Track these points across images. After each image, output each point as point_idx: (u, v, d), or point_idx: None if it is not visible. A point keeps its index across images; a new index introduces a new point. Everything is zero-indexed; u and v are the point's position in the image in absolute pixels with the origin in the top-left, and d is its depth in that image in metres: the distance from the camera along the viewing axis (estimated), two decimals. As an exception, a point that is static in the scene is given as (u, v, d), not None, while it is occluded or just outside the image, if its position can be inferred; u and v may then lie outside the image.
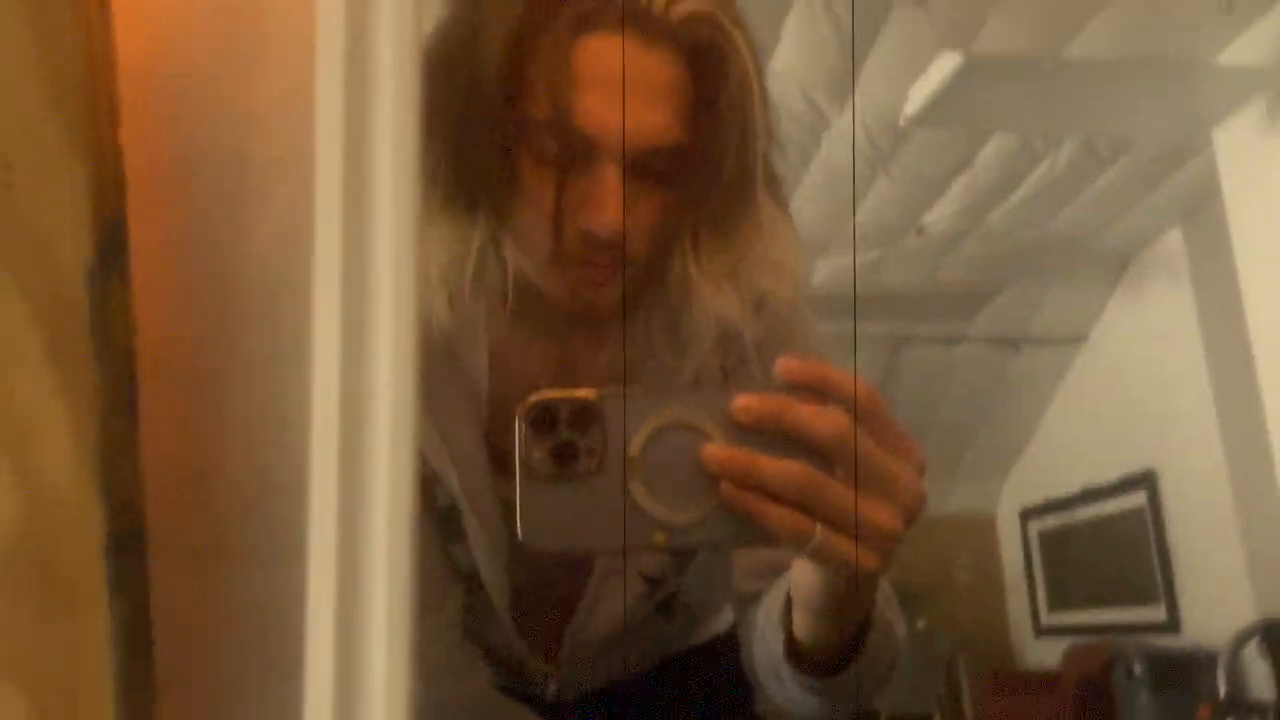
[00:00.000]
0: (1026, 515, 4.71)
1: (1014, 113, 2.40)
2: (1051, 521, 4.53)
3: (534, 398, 0.44)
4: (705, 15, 0.65)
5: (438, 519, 0.79)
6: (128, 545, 0.30)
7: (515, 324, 0.75)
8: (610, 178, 0.64)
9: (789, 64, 2.39)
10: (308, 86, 0.28)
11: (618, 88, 0.63)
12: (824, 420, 0.46)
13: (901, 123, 2.42)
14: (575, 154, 0.64)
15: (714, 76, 0.65)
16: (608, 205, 0.64)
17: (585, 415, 0.44)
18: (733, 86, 0.65)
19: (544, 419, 0.44)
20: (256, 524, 0.30)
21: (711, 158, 0.66)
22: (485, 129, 0.65)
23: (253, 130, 0.29)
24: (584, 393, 0.44)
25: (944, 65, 2.17)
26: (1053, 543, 4.56)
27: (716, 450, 0.45)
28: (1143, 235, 3.56)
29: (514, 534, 0.44)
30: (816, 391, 0.46)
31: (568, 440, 0.44)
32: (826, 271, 3.36)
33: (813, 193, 2.95)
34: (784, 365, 0.47)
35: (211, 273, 0.31)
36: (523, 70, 0.64)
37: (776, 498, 0.45)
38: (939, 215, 3.21)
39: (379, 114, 0.26)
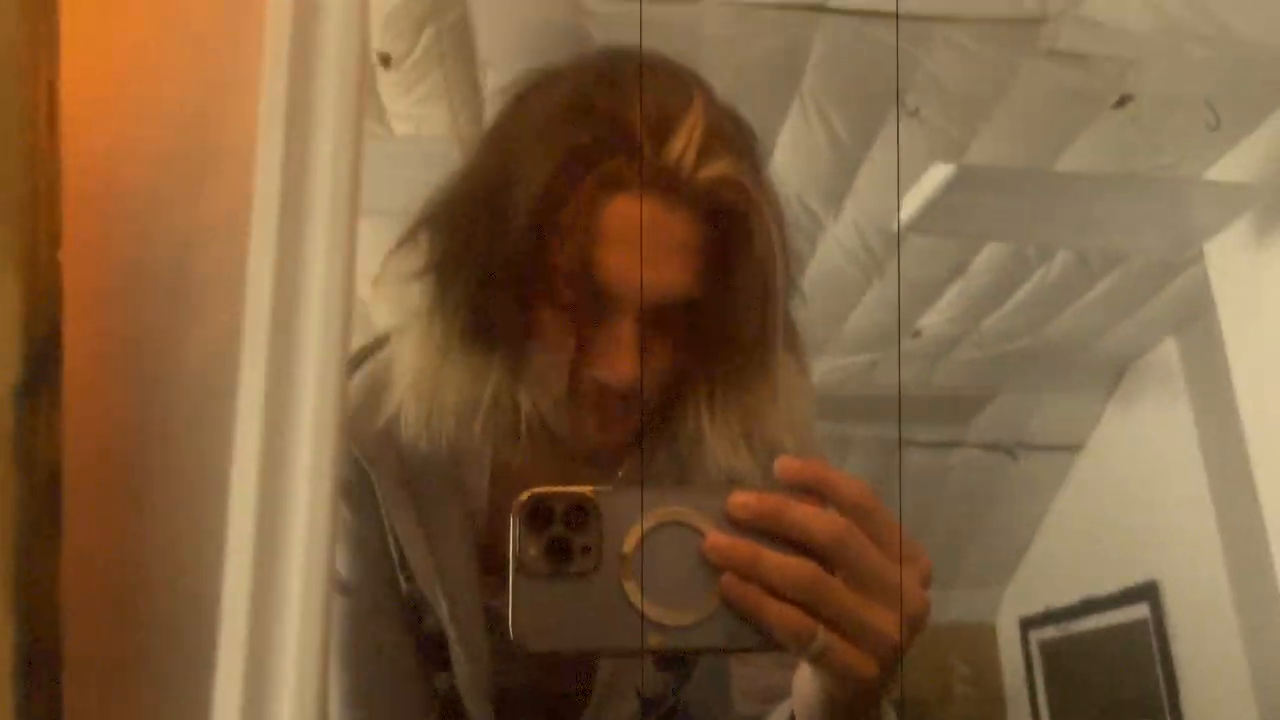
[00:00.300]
0: (1027, 625, 4.62)
1: (1006, 223, 2.44)
2: (1052, 632, 4.44)
3: (529, 493, 0.44)
4: (730, 180, 0.67)
5: (423, 644, 0.78)
6: (40, 665, 0.29)
7: (523, 453, 0.76)
8: (627, 331, 0.66)
9: (784, 170, 2.44)
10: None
11: (635, 256, 0.65)
12: (822, 521, 0.45)
13: (895, 229, 2.46)
14: (594, 305, 0.66)
15: (735, 239, 0.67)
16: (623, 357, 0.66)
17: (581, 511, 0.43)
18: (754, 249, 0.67)
19: (539, 514, 0.43)
20: (174, 641, 0.29)
21: (729, 316, 0.68)
22: (509, 274, 0.67)
23: (195, 245, 0.30)
24: (580, 489, 0.44)
25: (936, 175, 2.21)
26: (1054, 653, 4.46)
27: (720, 539, 0.44)
28: (1138, 344, 3.58)
29: (500, 649, 0.43)
30: (815, 492, 0.46)
31: (562, 536, 0.43)
32: (821, 373, 3.37)
33: (809, 296, 2.97)
34: (782, 464, 0.47)
35: (145, 385, 0.31)
36: (550, 222, 0.66)
37: (778, 595, 0.44)
38: (933, 320, 3.23)
39: (314, 230, 0.26)
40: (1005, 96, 2.25)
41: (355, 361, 0.83)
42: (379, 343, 0.83)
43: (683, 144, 0.66)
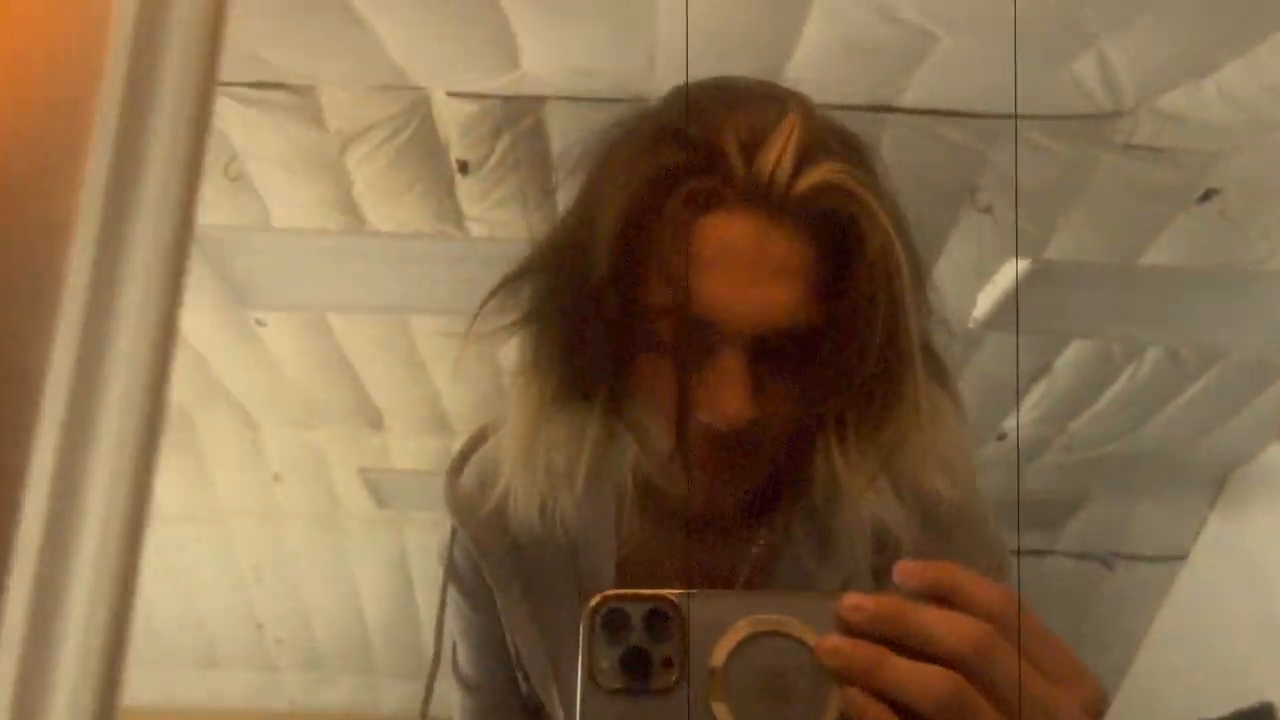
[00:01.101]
0: (1133, 751, 4.30)
1: (1088, 320, 2.37)
2: (1161, 759, 4.12)
3: (602, 595, 0.39)
4: (834, 185, 0.60)
5: None
6: None
7: (643, 529, 0.71)
8: (734, 365, 0.59)
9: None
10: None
11: (740, 268, 0.59)
12: (957, 625, 0.38)
13: (971, 325, 2.41)
14: (696, 340, 0.60)
15: (849, 250, 0.60)
16: (732, 395, 0.59)
17: (662, 619, 0.38)
18: (871, 258, 0.60)
19: (614, 621, 0.38)
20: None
21: (853, 338, 0.60)
22: (601, 317, 0.61)
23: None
24: (662, 592, 0.39)
25: (1011, 270, 2.16)
26: (1165, 784, 4.13)
27: (837, 641, 0.38)
28: (1241, 449, 3.40)
29: None
30: (945, 600, 0.39)
31: (640, 646, 0.38)
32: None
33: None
34: (902, 569, 0.41)
35: None
36: (639, 253, 0.61)
37: (910, 713, 0.37)
38: (1020, 421, 3.13)
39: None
40: (1083, 191, 2.20)
41: (463, 455, 0.79)
42: (484, 434, 0.78)
43: (777, 152, 0.60)
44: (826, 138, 0.63)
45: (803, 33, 1.70)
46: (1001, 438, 3.21)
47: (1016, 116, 2.02)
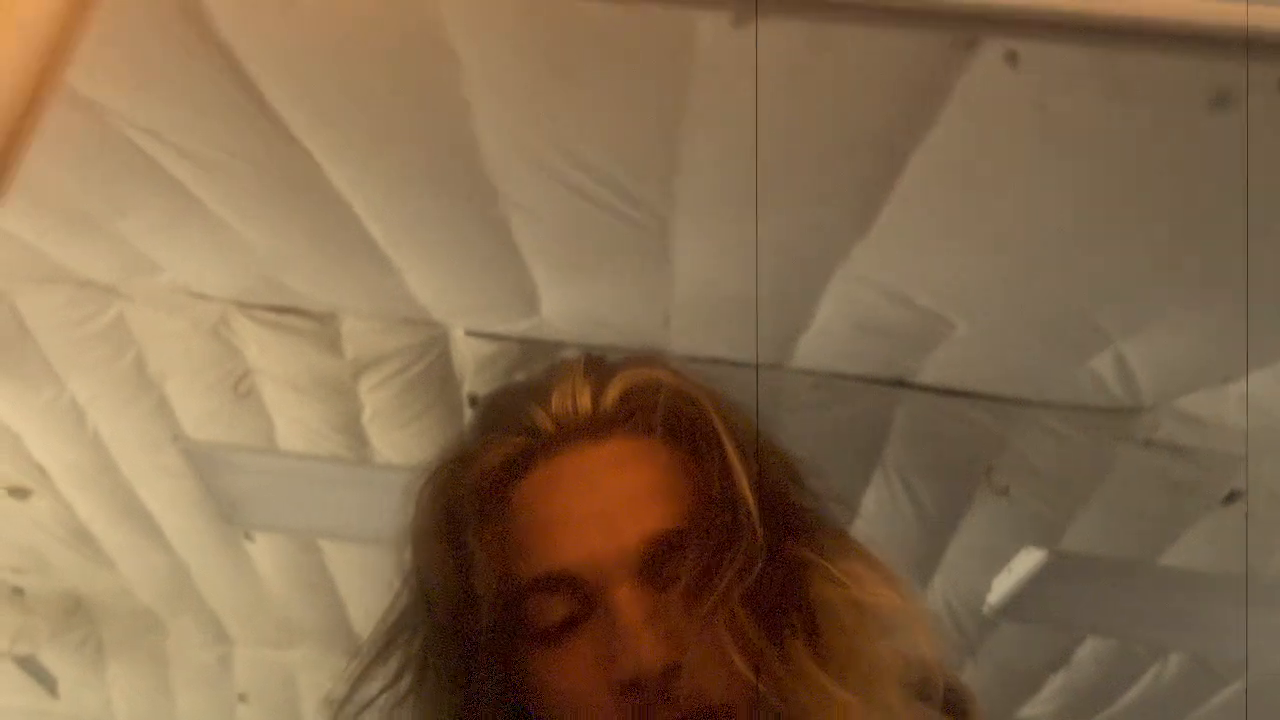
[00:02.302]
0: None
1: (1105, 616, 2.25)
2: None
3: None
4: (631, 388, 0.59)
5: None
6: None
7: None
8: (627, 603, 0.54)
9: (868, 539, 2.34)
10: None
11: (583, 506, 0.56)
12: None
13: (985, 611, 2.29)
14: (577, 607, 0.55)
15: (682, 441, 0.58)
16: (639, 635, 0.53)
17: None
18: (702, 434, 0.58)
19: None
20: None
21: (723, 522, 0.55)
22: (484, 630, 0.57)
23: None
24: None
25: (1027, 559, 2.07)
26: None
27: None
28: (1276, 764, 3.15)
29: None
30: None
31: None
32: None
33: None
34: None
35: None
36: (491, 543, 0.57)
37: None
38: (1036, 713, 2.93)
39: None
40: (1102, 483, 2.14)
41: None
42: None
43: (570, 388, 0.59)
44: (614, 367, 0.62)
45: (818, 309, 1.70)
46: (1017, 727, 3.01)
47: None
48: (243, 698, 3.16)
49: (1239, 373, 1.76)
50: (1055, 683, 2.79)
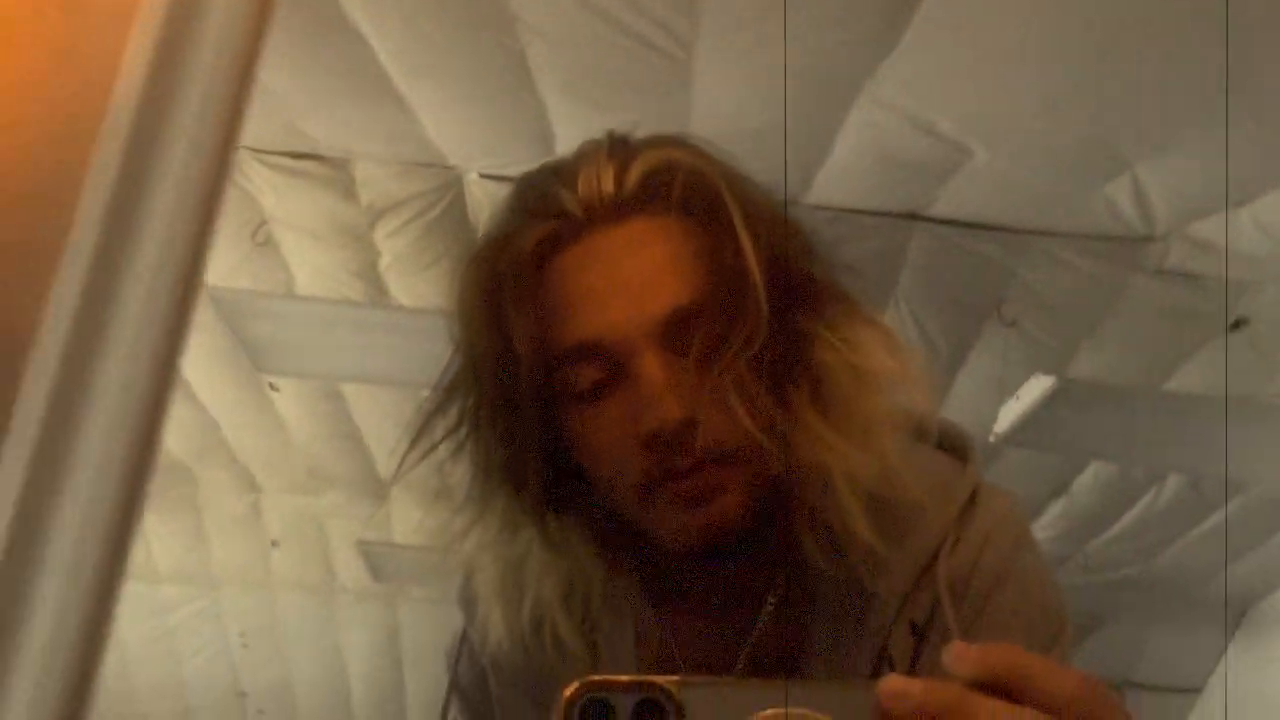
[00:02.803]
0: None
1: (1109, 442, 2.32)
2: None
3: (580, 683, 0.32)
4: (652, 170, 0.62)
5: None
6: None
7: (648, 613, 0.67)
8: (649, 369, 0.59)
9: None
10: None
11: (604, 283, 0.61)
12: None
13: (991, 439, 2.37)
14: (605, 372, 0.60)
15: (695, 214, 0.61)
16: (659, 397, 0.58)
17: (655, 712, 0.32)
18: (719, 209, 0.61)
19: (595, 716, 0.32)
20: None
21: (741, 294, 0.59)
22: (526, 393, 0.61)
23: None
24: (654, 679, 0.33)
25: (1035, 387, 2.13)
26: None
27: (901, 683, 0.33)
28: (1261, 583, 3.31)
29: None
30: (1011, 691, 0.35)
31: None
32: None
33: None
34: (957, 652, 0.36)
35: None
36: (526, 316, 0.61)
37: None
38: (1038, 538, 3.06)
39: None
40: (1111, 312, 2.19)
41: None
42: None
43: (594, 169, 0.62)
44: (636, 148, 0.64)
45: (837, 139, 1.70)
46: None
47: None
48: (275, 543, 3.29)
49: (1252, 194, 1.77)
50: (1055, 509, 2.90)
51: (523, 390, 0.61)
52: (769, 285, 0.60)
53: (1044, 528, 2.98)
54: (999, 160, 1.72)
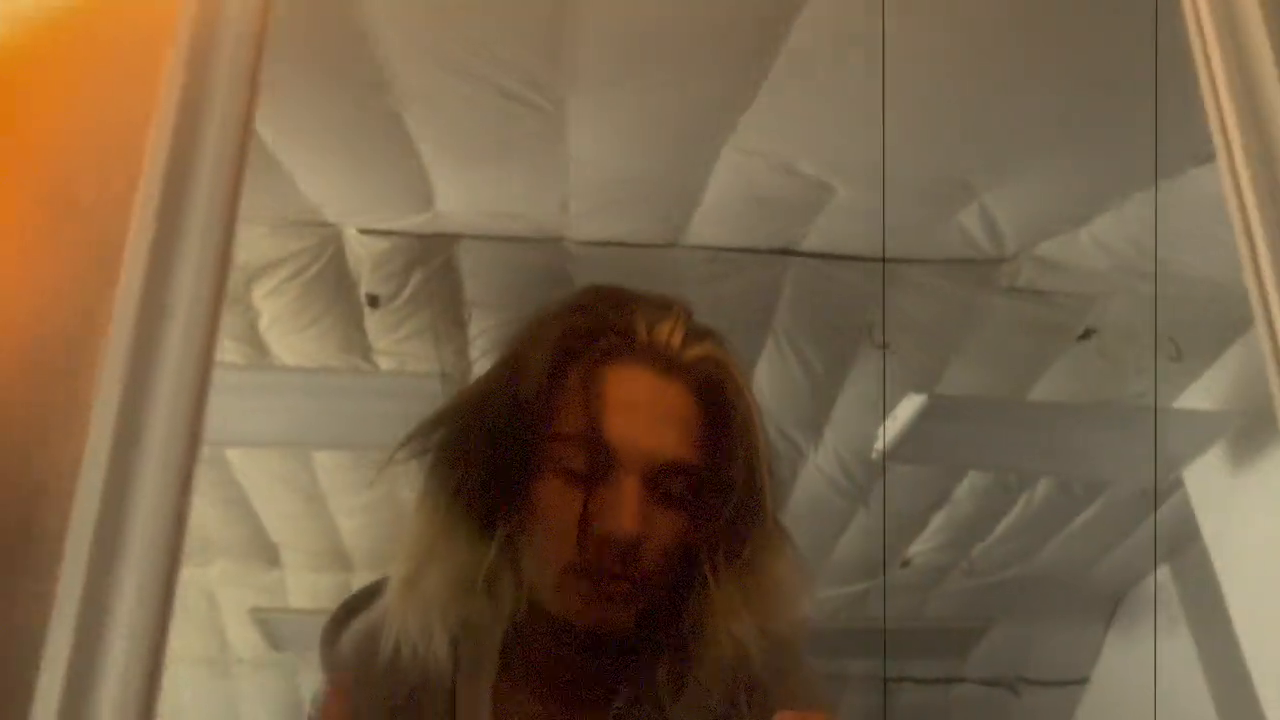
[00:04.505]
0: None
1: (982, 451, 2.46)
2: None
3: None
4: (713, 358, 0.75)
5: None
6: None
7: (518, 674, 0.76)
8: (631, 486, 0.70)
9: (762, 401, 2.48)
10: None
11: (640, 410, 0.72)
12: None
13: (874, 457, 2.47)
14: (600, 467, 0.71)
15: (722, 408, 0.74)
16: (627, 511, 0.69)
17: None
18: (739, 418, 0.74)
19: None
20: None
21: (723, 480, 0.72)
22: (515, 445, 0.72)
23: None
24: None
25: (909, 405, 2.24)
26: None
27: None
28: (1130, 573, 3.52)
29: None
30: None
31: None
32: (810, 606, 3.29)
33: (794, 525, 2.94)
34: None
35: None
36: (556, 392, 0.73)
37: None
38: (921, 549, 3.19)
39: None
40: (973, 331, 2.32)
41: (348, 610, 0.83)
42: (371, 592, 0.83)
43: (670, 327, 0.75)
44: (704, 331, 0.78)
45: (709, 184, 1.78)
46: (906, 564, 3.27)
47: (885, 260, 2.13)
48: (162, 617, 3.16)
49: (1089, 215, 1.92)
50: (938, 520, 3.03)
51: (525, 436, 0.72)
52: (741, 482, 0.74)
53: (929, 538, 3.11)
54: (859, 196, 1.82)
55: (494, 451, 0.73)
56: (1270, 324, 0.61)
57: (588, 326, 0.76)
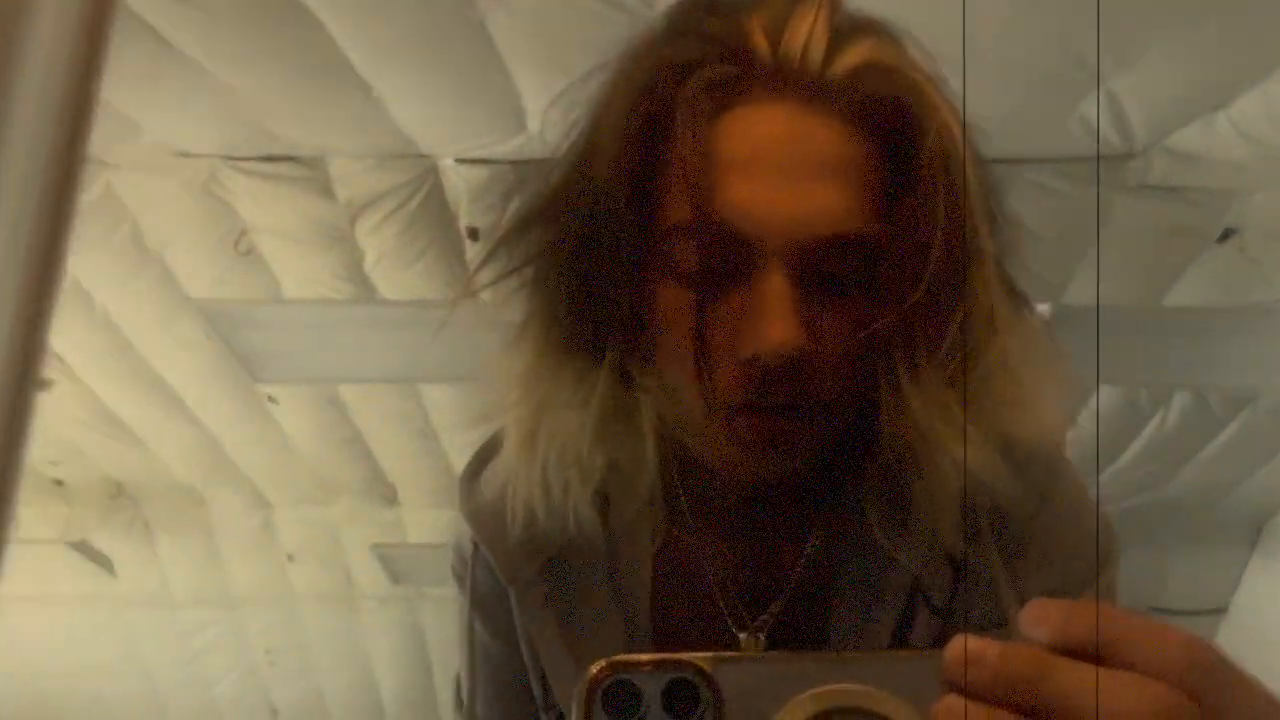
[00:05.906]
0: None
1: (1111, 365, 2.32)
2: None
3: (605, 664, 0.29)
4: (878, 65, 0.51)
5: None
6: None
7: (684, 521, 0.60)
8: (776, 285, 0.49)
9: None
10: None
11: (774, 168, 0.50)
12: (1138, 700, 0.28)
13: (994, 377, 2.36)
14: (730, 262, 0.50)
15: (903, 140, 0.51)
16: (777, 319, 0.49)
17: (687, 693, 0.28)
18: (928, 149, 0.50)
19: (620, 701, 0.29)
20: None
21: (913, 246, 0.50)
22: (611, 247, 0.51)
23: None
24: (686, 657, 0.29)
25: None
26: None
27: (976, 645, 0.28)
28: (1276, 496, 3.31)
29: None
30: (1106, 657, 0.29)
31: None
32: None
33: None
34: (1037, 612, 0.29)
35: None
36: (652, 164, 0.52)
37: None
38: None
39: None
40: (1100, 235, 2.18)
41: (481, 458, 0.67)
42: (495, 444, 0.66)
43: (807, 29, 0.51)
44: (861, 18, 0.54)
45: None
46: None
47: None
48: (291, 557, 3.28)
49: (1228, 98, 1.76)
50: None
51: (619, 237, 0.51)
52: (942, 244, 0.49)
53: (1055, 462, 2.98)
54: (970, 85, 1.70)
55: (589, 268, 0.53)
56: None
57: (682, 58, 0.52)
